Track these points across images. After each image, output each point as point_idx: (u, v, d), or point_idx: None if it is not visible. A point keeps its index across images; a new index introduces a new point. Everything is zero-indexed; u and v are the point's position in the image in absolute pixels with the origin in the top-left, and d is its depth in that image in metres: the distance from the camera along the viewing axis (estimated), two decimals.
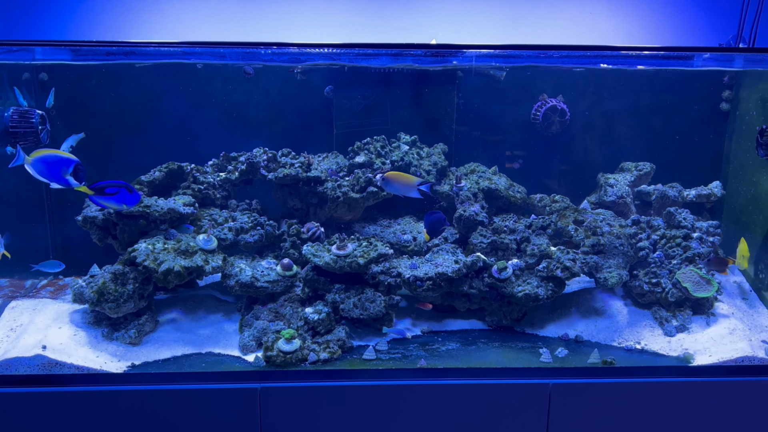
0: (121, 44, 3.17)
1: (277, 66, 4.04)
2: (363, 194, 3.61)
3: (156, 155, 3.89)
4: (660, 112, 4.25)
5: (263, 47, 3.55)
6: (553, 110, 4.12)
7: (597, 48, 3.75)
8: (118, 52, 3.25)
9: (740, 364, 3.19)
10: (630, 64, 4.00)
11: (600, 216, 3.68)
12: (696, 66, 4.12)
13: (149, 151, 4.03)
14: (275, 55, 3.82)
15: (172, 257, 3.24)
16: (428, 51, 3.62)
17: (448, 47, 3.67)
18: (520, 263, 3.55)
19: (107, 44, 3.13)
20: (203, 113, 4.02)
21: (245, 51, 3.71)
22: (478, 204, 3.78)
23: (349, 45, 3.60)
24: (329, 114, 4.06)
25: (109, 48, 3.18)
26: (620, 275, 3.47)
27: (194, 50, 3.61)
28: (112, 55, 3.38)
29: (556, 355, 3.30)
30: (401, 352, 3.34)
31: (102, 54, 3.41)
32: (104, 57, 3.68)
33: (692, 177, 4.18)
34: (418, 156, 3.89)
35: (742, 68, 4.11)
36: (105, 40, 3.52)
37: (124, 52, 3.26)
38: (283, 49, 3.69)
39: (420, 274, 3.36)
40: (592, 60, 4.00)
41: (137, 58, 3.57)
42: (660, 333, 3.51)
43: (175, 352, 3.27)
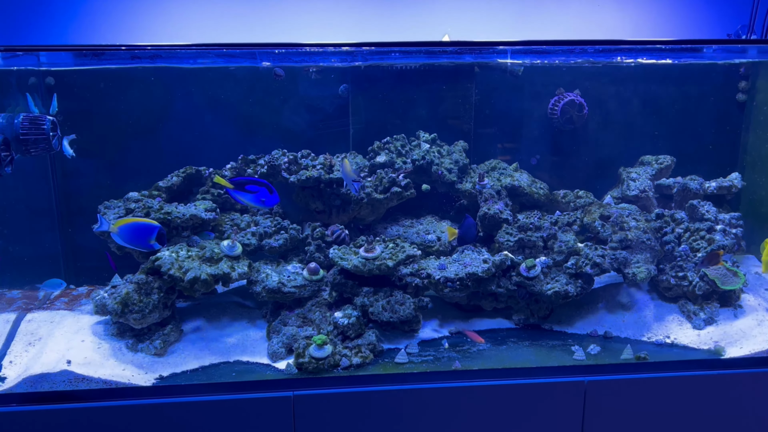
0: (145, 47, 3.07)
1: (291, 66, 3.95)
2: (387, 195, 3.55)
3: (168, 160, 3.79)
4: (676, 104, 4.24)
5: (275, 48, 3.48)
6: (571, 104, 4.08)
7: (609, 42, 3.73)
8: (143, 55, 3.15)
9: None
10: (635, 57, 3.99)
11: (626, 211, 3.66)
12: (706, 59, 4.12)
13: (162, 156, 3.93)
14: (291, 54, 3.73)
15: (197, 265, 3.15)
16: (448, 48, 3.57)
17: (468, 44, 3.61)
18: (548, 261, 3.52)
19: (132, 48, 3.02)
20: (217, 116, 3.92)
21: (255, 52, 3.62)
22: (502, 202, 3.73)
23: (367, 44, 3.53)
24: (346, 113, 3.99)
25: (133, 51, 3.08)
26: (649, 270, 3.46)
27: (207, 52, 3.51)
28: (137, 59, 3.28)
29: (589, 352, 3.27)
30: (433, 354, 3.29)
31: (123, 58, 3.30)
32: (114, 60, 3.57)
33: (709, 169, 4.18)
34: (438, 154, 3.83)
35: (757, 59, 4.11)
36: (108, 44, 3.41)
37: (149, 56, 3.16)
38: (299, 49, 3.62)
39: (450, 275, 3.31)
40: (603, 55, 3.98)
41: (161, 62, 3.47)
42: (688, 326, 3.50)
43: (203, 361, 3.19)
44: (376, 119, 3.99)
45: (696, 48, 3.86)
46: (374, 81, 3.97)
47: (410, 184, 3.64)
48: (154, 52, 3.09)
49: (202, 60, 3.79)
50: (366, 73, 3.94)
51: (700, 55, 4.04)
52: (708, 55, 4.05)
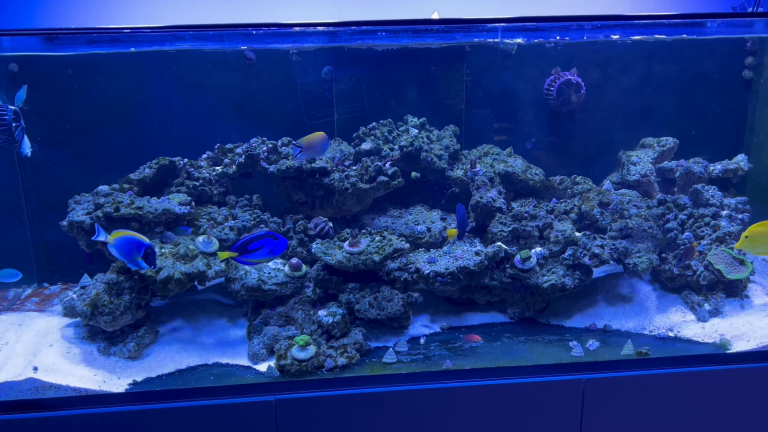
0: (105, 31, 2.83)
1: (270, 48, 3.72)
2: (373, 184, 3.35)
3: (143, 150, 3.58)
4: (679, 83, 4.02)
5: (255, 28, 3.24)
6: (568, 84, 3.86)
7: (607, 18, 3.50)
8: (100, 40, 2.93)
9: None
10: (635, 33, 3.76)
11: (626, 197, 3.46)
12: (710, 34, 3.88)
13: (135, 146, 3.72)
14: (268, 36, 3.51)
15: (170, 263, 2.97)
16: (436, 27, 3.34)
17: (457, 22, 3.38)
18: (544, 251, 3.33)
19: (86, 31, 2.79)
20: (192, 103, 3.70)
21: (226, 33, 3.39)
22: (495, 189, 3.53)
23: (349, 23, 3.30)
24: (330, 97, 3.77)
25: (90, 35, 2.85)
26: (650, 260, 3.27)
27: (181, 34, 3.29)
28: (95, 44, 3.05)
29: (588, 347, 3.10)
30: (423, 353, 3.12)
31: (82, 42, 3.08)
32: (84, 45, 3.34)
33: (714, 151, 3.98)
34: (428, 140, 3.63)
35: (764, 34, 3.88)
36: (81, 27, 3.18)
37: (107, 40, 2.93)
38: (278, 30, 3.39)
39: (440, 269, 3.12)
40: (601, 31, 3.75)
41: (121, 47, 3.24)
42: (692, 318, 3.32)
43: (180, 364, 3.02)
44: (361, 103, 3.77)
45: (699, 22, 3.63)
46: (359, 63, 3.74)
47: (398, 173, 3.43)
48: (113, 36, 2.86)
49: (179, 43, 3.57)
50: (350, 55, 3.71)
51: (703, 30, 3.81)
52: (712, 30, 3.81)
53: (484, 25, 3.17)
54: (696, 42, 3.92)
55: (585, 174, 3.89)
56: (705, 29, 3.77)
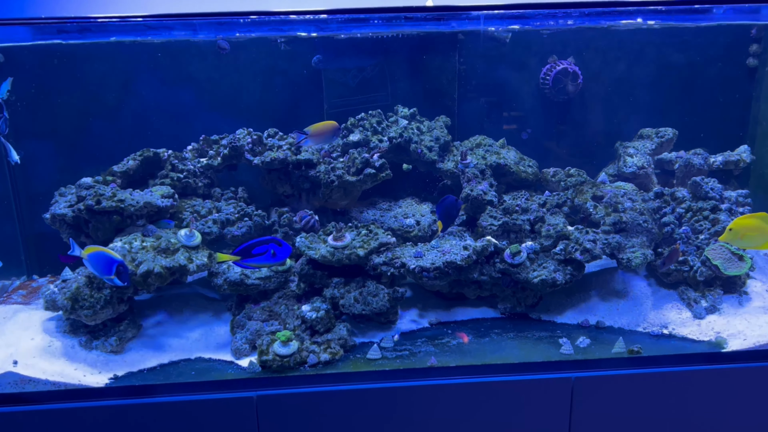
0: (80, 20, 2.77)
1: (259, 37, 3.65)
2: (360, 177, 3.28)
3: (133, 141, 3.54)
4: (680, 71, 3.88)
5: (242, 17, 3.17)
6: (564, 73, 3.75)
7: (605, 4, 3.36)
8: (72, 29, 2.87)
9: None
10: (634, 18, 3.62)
11: (621, 190, 3.35)
12: (715, 20, 3.74)
13: (125, 137, 3.68)
14: (255, 25, 3.43)
15: (151, 257, 2.93)
16: (428, 15, 3.24)
17: (449, 9, 3.27)
18: (535, 246, 3.25)
19: (61, 20, 2.74)
20: (182, 93, 3.65)
21: (220, 21, 3.32)
22: (486, 182, 3.45)
23: (338, 11, 3.22)
24: (319, 87, 3.69)
25: (62, 25, 2.79)
26: (645, 255, 3.17)
27: (165, 23, 3.22)
28: (64, 33, 3.00)
29: (578, 345, 3.02)
30: (408, 349, 3.06)
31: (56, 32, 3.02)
32: (64, 35, 3.29)
33: (717, 142, 3.85)
34: (418, 131, 3.54)
35: None
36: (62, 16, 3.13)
37: (78, 29, 2.88)
38: (265, 17, 3.31)
39: (426, 264, 3.05)
40: (600, 18, 3.62)
41: (100, 36, 3.19)
42: (688, 315, 3.23)
43: (162, 359, 2.99)
44: (351, 93, 3.69)
45: (704, 9, 3.49)
46: (349, 52, 3.66)
47: (386, 165, 3.36)
48: (84, 25, 2.80)
49: (167, 33, 3.51)
50: (340, 44, 3.63)
51: (708, 17, 3.66)
52: (717, 17, 3.67)
53: (468, 13, 3.06)
54: (699, 29, 3.78)
55: (582, 166, 3.78)
56: (712, 16, 3.63)
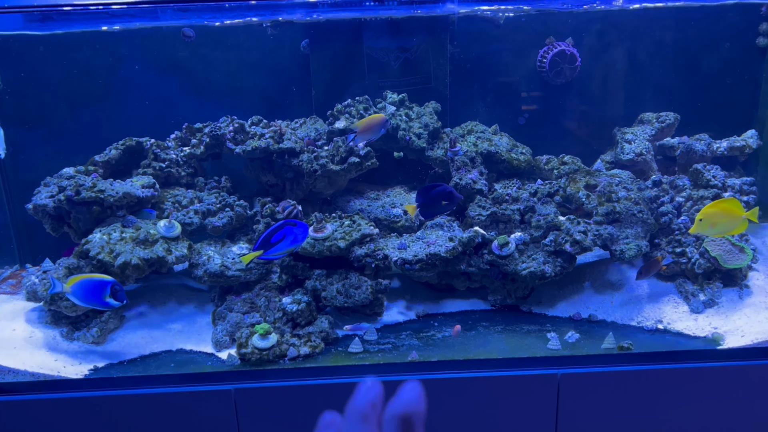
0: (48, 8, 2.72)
1: (245, 22, 3.57)
2: (344, 165, 3.19)
3: (114, 130, 3.50)
4: (685, 51, 3.70)
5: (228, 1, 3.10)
6: (562, 56, 3.60)
7: None
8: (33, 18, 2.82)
9: None
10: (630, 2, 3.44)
11: (616, 178, 3.22)
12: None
13: (114, 125, 3.64)
14: (242, 9, 3.35)
15: (129, 248, 2.90)
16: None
17: None
18: (525, 236, 3.14)
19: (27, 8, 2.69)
20: (165, 80, 3.59)
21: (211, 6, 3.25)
22: (476, 170, 3.34)
23: None
24: (307, 72, 3.60)
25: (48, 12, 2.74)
26: (639, 246, 3.04)
27: (148, 9, 3.16)
28: (50, 21, 2.95)
29: (566, 339, 2.93)
30: (392, 342, 3.00)
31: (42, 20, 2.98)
32: (50, 24, 3.25)
33: (723, 126, 3.66)
34: (407, 117, 3.44)
35: None
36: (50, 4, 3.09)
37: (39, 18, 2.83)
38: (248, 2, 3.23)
39: (408, 257, 2.97)
40: None
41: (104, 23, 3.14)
42: (685, 309, 3.10)
43: (143, 350, 2.97)
44: (339, 78, 3.59)
45: None
46: (337, 35, 3.56)
47: (371, 153, 3.27)
48: (46, 13, 2.75)
49: (150, 19, 3.45)
50: (327, 27, 3.53)
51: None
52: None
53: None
54: (705, 7, 3.58)
55: (581, 152, 3.65)
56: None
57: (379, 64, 3.55)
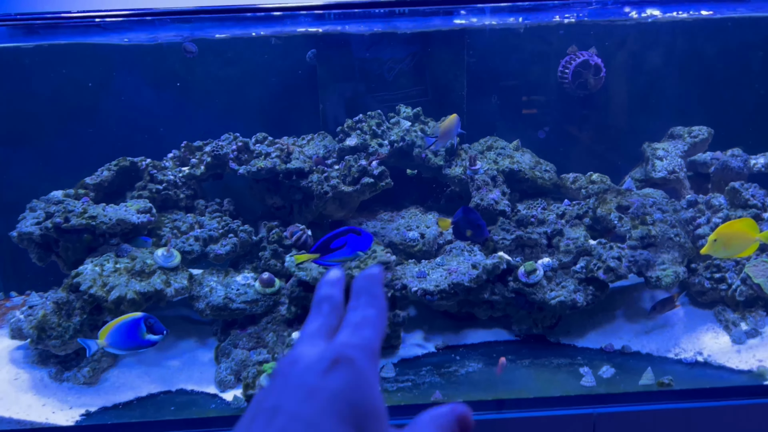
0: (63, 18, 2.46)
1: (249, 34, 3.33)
2: (357, 187, 2.95)
3: (107, 150, 3.25)
4: (715, 61, 3.48)
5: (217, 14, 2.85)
6: (585, 66, 3.37)
7: None
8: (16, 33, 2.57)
9: None
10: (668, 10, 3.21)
11: (649, 199, 2.99)
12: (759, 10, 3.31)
13: (105, 143, 3.39)
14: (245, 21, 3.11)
15: (124, 281, 2.64)
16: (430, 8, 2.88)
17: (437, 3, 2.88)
18: (552, 262, 2.91)
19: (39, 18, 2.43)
20: (163, 96, 3.34)
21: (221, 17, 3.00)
22: (498, 189, 3.11)
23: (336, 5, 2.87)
24: (314, 85, 3.37)
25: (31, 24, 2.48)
26: (677, 273, 2.82)
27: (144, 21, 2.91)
28: (35, 35, 2.70)
29: (600, 375, 2.69)
30: (412, 380, 2.76)
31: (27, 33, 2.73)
32: (35, 37, 3.00)
33: (759, 140, 3.44)
34: (422, 133, 3.20)
35: None
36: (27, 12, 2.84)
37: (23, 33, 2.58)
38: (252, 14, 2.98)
39: (429, 287, 2.73)
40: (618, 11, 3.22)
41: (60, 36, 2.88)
42: (726, 340, 2.88)
43: (139, 391, 2.72)
44: (349, 91, 3.35)
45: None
46: (346, 45, 3.32)
47: (386, 173, 3.03)
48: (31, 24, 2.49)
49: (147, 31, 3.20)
50: (336, 37, 3.29)
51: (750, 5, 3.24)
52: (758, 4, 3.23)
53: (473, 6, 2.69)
54: (735, 18, 3.37)
55: (606, 170, 3.42)
56: None
57: (388, 75, 3.32)
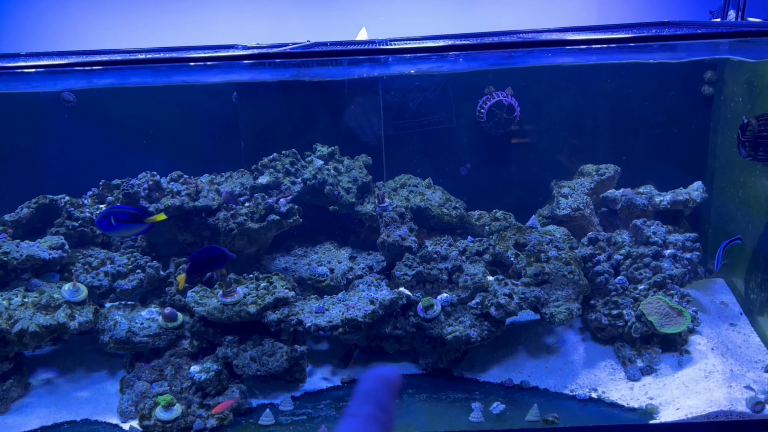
0: None
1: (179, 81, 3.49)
2: (263, 224, 3.06)
3: (43, 185, 3.40)
4: (630, 100, 3.57)
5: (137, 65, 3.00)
6: (499, 106, 3.48)
7: (554, 44, 3.02)
8: None
9: (713, 420, 2.58)
10: (583, 59, 3.30)
11: (547, 236, 3.06)
12: (676, 58, 3.39)
13: (35, 181, 3.54)
14: (168, 71, 3.26)
15: (29, 314, 2.76)
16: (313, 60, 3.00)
17: (375, 52, 2.97)
18: (451, 298, 2.98)
19: None
20: (90, 135, 3.51)
21: None
22: (406, 226, 3.19)
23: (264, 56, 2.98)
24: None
25: None
26: (570, 310, 2.87)
27: None
28: None
29: (491, 411, 2.74)
30: (308, 413, 2.83)
31: None
32: None
33: (674, 175, 3.51)
34: (335, 171, 3.31)
35: (728, 55, 3.37)
36: None
37: None
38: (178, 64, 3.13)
39: (322, 323, 2.81)
40: (552, 55, 3.32)
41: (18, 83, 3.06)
42: (622, 376, 2.91)
43: (46, 421, 2.81)
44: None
45: (672, 45, 3.12)
46: (268, 88, 3.46)
47: (293, 210, 3.14)
48: None
49: (88, 79, 3.37)
50: (257, 80, 3.44)
51: (674, 55, 3.31)
52: (680, 54, 3.30)
53: (385, 57, 2.80)
54: (648, 64, 3.46)
55: (521, 205, 3.50)
56: (676, 53, 3.28)
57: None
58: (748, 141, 2.79)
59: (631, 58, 3.32)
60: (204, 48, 3.20)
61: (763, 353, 2.96)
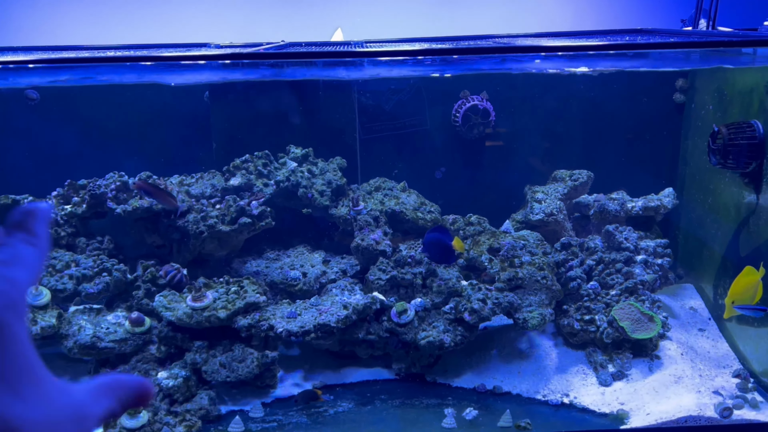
0: None
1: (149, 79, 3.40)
2: (234, 226, 3.01)
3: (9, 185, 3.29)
4: (603, 106, 3.59)
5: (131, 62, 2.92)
6: (474, 110, 3.47)
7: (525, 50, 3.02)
8: None
9: (682, 425, 2.61)
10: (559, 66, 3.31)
11: (521, 241, 3.06)
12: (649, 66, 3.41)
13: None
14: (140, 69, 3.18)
15: None
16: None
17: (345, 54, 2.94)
18: (425, 302, 2.96)
19: None
20: (58, 133, 3.40)
21: None
22: (380, 230, 3.17)
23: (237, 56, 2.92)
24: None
25: None
26: (543, 315, 2.88)
27: None
28: None
29: (463, 416, 2.73)
30: (278, 420, 2.78)
31: None
32: None
33: (646, 181, 3.54)
34: (309, 174, 3.27)
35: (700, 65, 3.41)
36: None
37: None
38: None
39: (294, 328, 2.77)
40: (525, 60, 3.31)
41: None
42: (594, 381, 2.93)
43: None
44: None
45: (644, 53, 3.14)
46: (240, 88, 3.41)
47: (266, 213, 3.09)
48: None
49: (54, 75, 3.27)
50: (230, 80, 3.38)
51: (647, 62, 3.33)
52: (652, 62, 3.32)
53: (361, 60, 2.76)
54: (621, 72, 3.49)
55: (494, 211, 3.49)
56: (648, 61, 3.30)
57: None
58: (718, 149, 2.82)
59: (606, 66, 3.34)
60: (176, 46, 3.13)
61: (731, 359, 3.00)
